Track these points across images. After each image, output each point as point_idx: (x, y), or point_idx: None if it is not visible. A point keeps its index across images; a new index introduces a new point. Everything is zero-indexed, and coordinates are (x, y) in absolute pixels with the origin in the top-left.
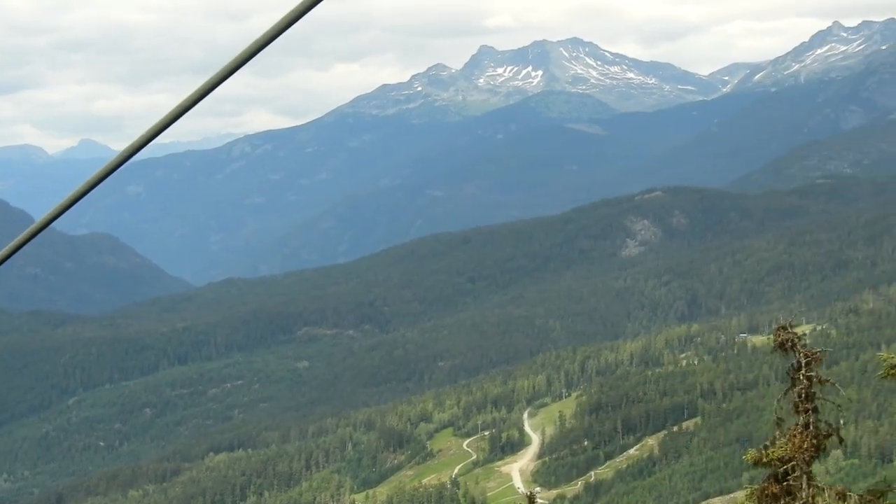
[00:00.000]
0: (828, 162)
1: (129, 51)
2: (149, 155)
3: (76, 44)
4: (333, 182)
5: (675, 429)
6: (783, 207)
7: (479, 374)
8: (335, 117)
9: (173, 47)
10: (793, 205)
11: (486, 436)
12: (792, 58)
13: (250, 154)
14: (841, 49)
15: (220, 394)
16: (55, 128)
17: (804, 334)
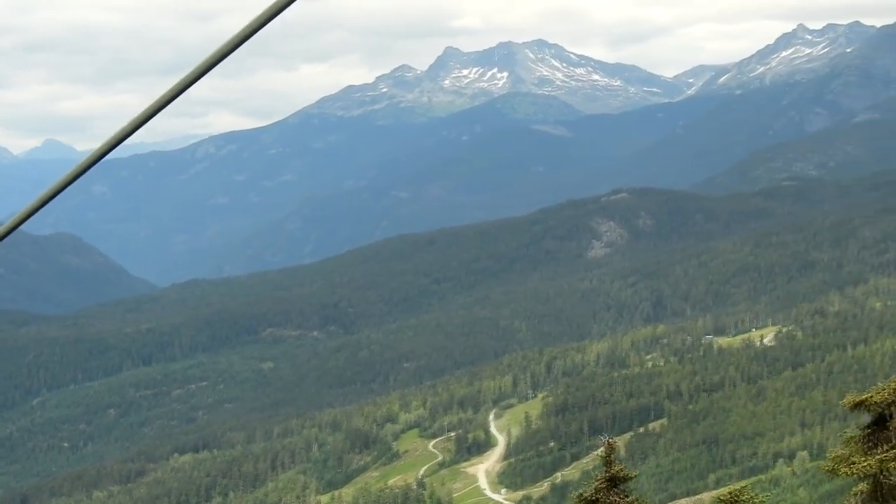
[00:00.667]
0: (793, 164)
1: (95, 51)
2: (114, 155)
3: (42, 44)
4: (298, 183)
5: (641, 430)
6: (749, 209)
7: (445, 376)
8: (300, 118)
9: (140, 47)
10: (758, 207)
11: (452, 437)
12: (757, 60)
13: (215, 155)
14: (806, 52)
15: (185, 394)
16: (20, 128)
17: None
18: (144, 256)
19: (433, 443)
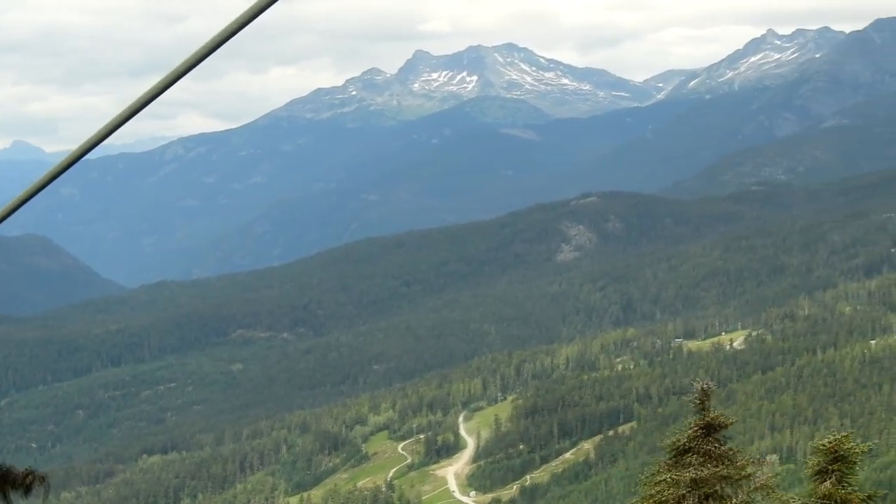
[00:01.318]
0: (762, 169)
1: (65, 52)
2: None
3: (11, 45)
4: (267, 186)
5: (610, 433)
6: (718, 213)
7: (415, 378)
8: (269, 121)
9: (109, 49)
10: (728, 211)
11: (421, 439)
12: (726, 65)
13: (184, 157)
14: (775, 57)
15: (154, 396)
16: None
17: None
18: (113, 258)
19: (402, 445)
